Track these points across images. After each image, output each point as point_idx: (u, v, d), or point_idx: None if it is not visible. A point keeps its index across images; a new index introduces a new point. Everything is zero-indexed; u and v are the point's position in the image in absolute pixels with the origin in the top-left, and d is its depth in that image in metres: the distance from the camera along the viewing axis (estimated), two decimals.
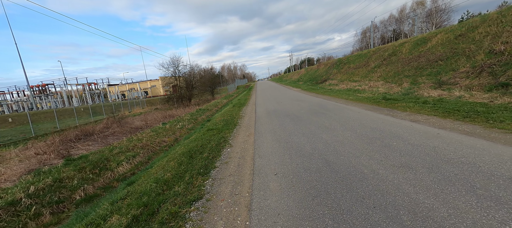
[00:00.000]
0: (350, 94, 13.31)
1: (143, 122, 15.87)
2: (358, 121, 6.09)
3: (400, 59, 15.26)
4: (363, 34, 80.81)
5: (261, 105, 12.98)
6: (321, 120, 6.89)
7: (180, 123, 12.15)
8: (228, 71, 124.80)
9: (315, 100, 12.22)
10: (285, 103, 12.60)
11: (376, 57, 19.68)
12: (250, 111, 11.35)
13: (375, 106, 8.33)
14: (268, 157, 4.22)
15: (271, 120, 7.87)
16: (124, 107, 32.55)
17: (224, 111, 13.45)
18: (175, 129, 10.78)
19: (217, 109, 18.77)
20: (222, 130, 7.10)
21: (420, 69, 12.16)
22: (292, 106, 10.89)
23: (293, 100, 13.63)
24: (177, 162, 4.56)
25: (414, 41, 15.88)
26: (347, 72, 22.52)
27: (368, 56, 21.63)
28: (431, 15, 55.55)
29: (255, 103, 14.56)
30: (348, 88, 16.23)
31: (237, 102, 17.29)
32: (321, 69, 33.59)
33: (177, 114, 19.58)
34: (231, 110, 12.41)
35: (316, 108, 9.38)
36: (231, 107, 14.42)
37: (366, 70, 18.87)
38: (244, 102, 16.41)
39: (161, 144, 8.51)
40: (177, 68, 29.41)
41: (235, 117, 9.78)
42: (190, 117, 14.26)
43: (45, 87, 42.15)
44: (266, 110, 10.67)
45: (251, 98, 20.07)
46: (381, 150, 3.83)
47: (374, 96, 11.05)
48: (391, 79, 13.76)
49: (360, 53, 25.07)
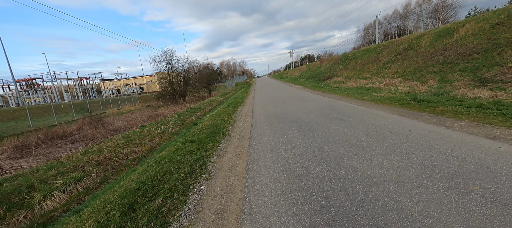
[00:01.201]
0: (363, 93, 11.38)
1: (126, 122, 13.91)
2: (399, 135, 4.18)
3: (420, 54, 13.31)
4: (366, 31, 78.85)
5: (260, 106, 11.04)
6: (341, 129, 4.98)
7: (163, 126, 10.20)
8: (227, 67, 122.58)
9: (324, 101, 10.29)
10: (288, 103, 10.66)
11: (388, 52, 17.71)
12: (246, 113, 9.41)
13: (406, 110, 6.42)
14: (269, 216, 2.28)
15: (272, 128, 5.95)
16: (114, 104, 30.52)
17: (216, 112, 11.51)
18: (155, 134, 8.83)
19: (210, 108, 16.82)
20: (204, 142, 5.18)
21: (449, 65, 10.23)
22: (297, 108, 8.97)
23: (297, 99, 11.69)
24: (106, 215, 2.63)
25: (435, 33, 13.91)
26: (354, 69, 20.55)
27: (378, 51, 19.65)
28: (438, 10, 53.58)
29: (252, 103, 12.62)
30: (359, 86, 14.29)
31: (232, 101, 15.33)
32: (324, 66, 31.59)
33: (166, 112, 17.61)
34: (224, 112, 10.47)
35: (329, 111, 7.45)
36: (225, 107, 12.47)
37: (378, 66, 16.91)
38: (241, 101, 14.46)
39: (130, 156, 6.58)
40: (170, 63, 27.31)
41: (226, 121, 7.85)
42: (178, 117, 12.30)
43: (32, 82, 39.89)
44: (266, 112, 8.74)
45: (249, 96, 18.10)
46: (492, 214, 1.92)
47: (396, 96, 9.13)
48: (411, 76, 11.83)
49: (368, 48, 23.07)
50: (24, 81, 39.75)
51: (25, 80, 39.66)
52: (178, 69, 28.75)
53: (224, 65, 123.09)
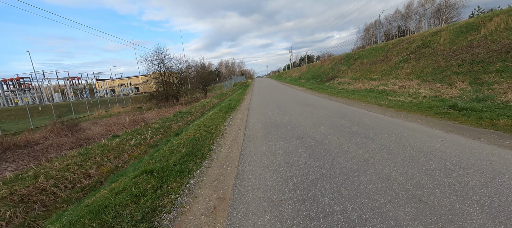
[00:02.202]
0: (377, 97, 9.77)
1: (104, 128, 12.19)
2: (480, 174, 2.55)
3: (439, 52, 11.73)
4: (366, 31, 77.51)
5: (256, 112, 9.39)
6: (372, 156, 3.35)
7: (140, 135, 8.52)
8: (225, 67, 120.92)
9: (333, 106, 8.66)
10: (289, 109, 9.02)
11: (398, 51, 16.15)
12: (239, 122, 7.75)
13: (450, 123, 4.80)
14: None
15: (271, 149, 4.30)
16: (103, 105, 28.72)
17: (206, 118, 9.85)
18: (126, 147, 7.15)
19: (202, 112, 15.16)
20: (170, 173, 3.52)
21: (480, 64, 8.65)
22: (301, 115, 7.32)
23: (300, 104, 10.05)
24: None
25: (455, 29, 12.35)
26: (360, 69, 18.97)
27: (387, 49, 18.09)
28: (441, 10, 52.43)
29: (248, 108, 10.96)
30: (369, 88, 12.69)
31: (226, 104, 13.66)
32: (326, 66, 30.01)
33: (152, 117, 15.92)
34: (213, 119, 8.80)
35: (343, 121, 5.82)
36: (216, 112, 10.81)
37: (388, 66, 15.33)
38: (235, 105, 12.79)
39: (79, 183, 4.89)
40: (162, 62, 25.57)
41: (212, 134, 6.18)
42: (162, 123, 10.63)
43: (19, 81, 37.92)
44: (263, 122, 7.08)
45: (245, 98, 16.44)
46: None
47: (421, 101, 7.52)
48: (431, 78, 10.24)
49: (374, 47, 21.51)
50: (11, 80, 37.83)
51: (11, 79, 37.73)
52: (171, 69, 27.01)
53: (223, 66, 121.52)
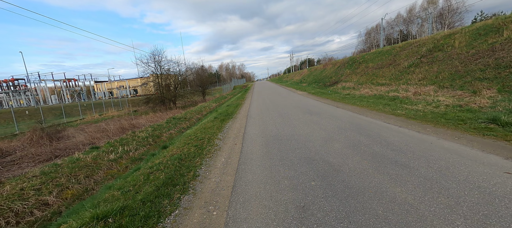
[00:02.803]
0: (390, 104, 8.78)
1: (89, 136, 11.18)
2: None
3: (455, 56, 10.78)
4: (368, 35, 76.95)
5: (256, 121, 8.40)
6: (420, 199, 2.38)
7: (124, 146, 7.51)
8: (226, 70, 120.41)
9: (342, 115, 7.66)
10: (293, 118, 8.02)
11: (407, 54, 15.23)
12: (236, 133, 6.74)
13: (499, 143, 3.81)
14: None
15: (273, 181, 3.28)
16: (97, 108, 27.74)
17: (199, 126, 8.85)
18: (103, 163, 6.14)
19: (198, 117, 14.17)
20: (134, 218, 2.51)
21: (508, 69, 7.69)
22: (308, 127, 6.32)
23: (304, 111, 9.06)
24: None
25: (471, 31, 11.44)
26: (365, 73, 18.03)
27: (394, 53, 17.18)
28: (443, 15, 51.87)
29: (247, 115, 9.96)
30: (378, 94, 11.72)
31: (224, 110, 12.67)
32: (329, 70, 29.11)
33: (143, 122, 14.93)
34: (207, 129, 7.79)
35: (360, 137, 4.82)
36: (212, 119, 9.81)
37: (396, 70, 14.39)
38: (233, 111, 11.79)
39: (29, 215, 3.87)
40: (159, 64, 24.68)
41: (203, 150, 5.18)
42: (152, 131, 9.63)
43: (14, 83, 37.00)
44: (263, 135, 6.08)
45: (244, 104, 15.46)
46: None
47: (445, 111, 6.54)
48: (449, 83, 9.28)
49: (380, 50, 20.62)
50: (5, 82, 36.90)
51: (6, 81, 36.81)
52: (168, 71, 26.11)
53: (223, 69, 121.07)
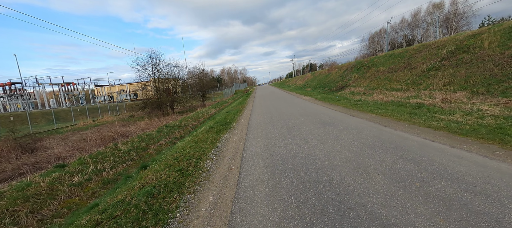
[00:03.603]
0: (417, 114, 7.40)
1: (71, 148, 9.92)
2: None
3: (486, 58, 9.43)
4: (371, 40, 75.81)
5: (258, 134, 7.05)
6: None
7: (98, 164, 6.21)
8: (228, 74, 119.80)
9: (363, 127, 6.30)
10: (303, 130, 6.67)
11: (424, 57, 13.89)
12: (233, 151, 5.41)
13: None
14: None
15: None
16: (92, 114, 26.63)
17: (189, 141, 7.53)
18: (61, 189, 4.84)
19: (194, 125, 12.88)
20: None
21: None
22: (324, 144, 4.97)
23: (315, 121, 7.70)
24: None
25: (502, 30, 10.11)
26: (376, 78, 16.69)
27: (407, 56, 15.85)
28: (450, 19, 50.69)
29: (248, 124, 8.62)
30: (396, 101, 10.35)
31: (223, 117, 11.37)
32: (334, 74, 27.81)
33: (138, 129, 13.66)
34: (199, 143, 6.47)
35: (405, 164, 3.47)
36: (207, 129, 8.49)
37: (413, 74, 13.03)
38: (233, 119, 10.48)
39: None
40: (157, 68, 23.60)
41: (186, 179, 3.87)
42: (137, 143, 8.34)
43: (11, 87, 36.23)
44: (268, 155, 4.74)
45: (245, 110, 14.15)
46: None
47: (503, 125, 5.16)
48: (485, 89, 7.90)
49: (391, 53, 19.31)
50: (1, 86, 36.15)
51: (2, 85, 36.06)
52: (166, 75, 25.01)
53: (225, 73, 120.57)
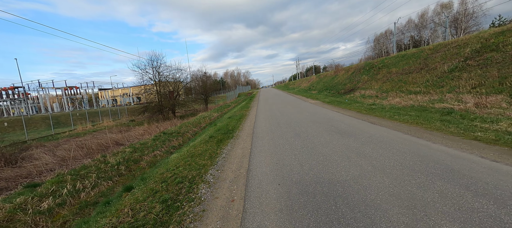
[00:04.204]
0: (451, 121, 6.36)
1: (61, 156, 9.13)
2: None
3: None
4: (376, 41, 74.44)
5: (265, 147, 6.10)
6: None
7: (77, 183, 5.35)
8: (231, 77, 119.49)
9: (392, 139, 5.29)
10: (318, 141, 5.69)
11: (443, 57, 12.80)
12: (236, 171, 4.47)
13: None
14: None
15: None
16: (92, 118, 26.08)
17: (185, 153, 6.63)
18: (21, 221, 3.95)
19: (195, 131, 12.00)
20: None
21: None
22: (348, 161, 4.00)
23: (330, 130, 6.71)
24: None
25: None
26: (389, 80, 15.62)
27: (423, 56, 14.76)
28: (458, 20, 49.17)
29: (252, 133, 7.67)
30: (417, 106, 9.29)
31: (225, 124, 10.46)
32: (341, 76, 26.75)
33: (136, 135, 12.85)
34: (196, 157, 5.55)
35: (490, 208, 2.47)
36: (206, 139, 7.58)
37: (433, 75, 11.94)
38: (235, 126, 9.55)
39: None
40: (158, 70, 22.95)
41: (170, 220, 2.91)
42: (130, 154, 7.48)
43: (14, 91, 36.18)
44: (280, 177, 3.79)
45: (249, 115, 13.23)
46: None
47: None
48: None
49: (403, 54, 18.22)
50: (4, 90, 36.14)
51: (5, 89, 36.07)
52: (167, 78, 24.35)
53: (228, 76, 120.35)
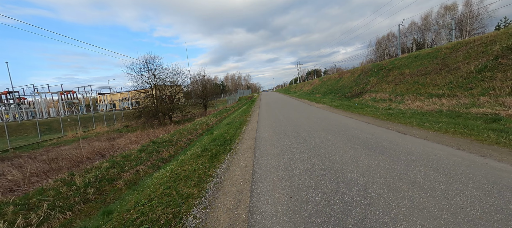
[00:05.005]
0: (504, 130, 5.00)
1: (34, 170, 7.81)
2: None
3: None
4: (379, 44, 73.36)
5: (271, 166, 4.77)
6: None
7: (21, 218, 4.01)
8: (231, 81, 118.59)
9: (447, 159, 3.93)
10: (342, 159, 4.34)
11: (466, 56, 11.50)
12: (232, 204, 3.15)
13: None
14: None
15: None
16: (87, 123, 24.83)
17: (170, 173, 5.31)
18: None
19: (190, 139, 10.69)
20: None
21: None
22: (403, 200, 2.65)
23: (351, 142, 5.35)
24: None
25: None
26: (402, 82, 14.30)
27: (441, 56, 13.46)
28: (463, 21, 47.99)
29: (254, 146, 6.32)
30: (446, 111, 7.96)
31: (222, 133, 9.14)
32: (347, 79, 25.47)
33: (125, 143, 11.55)
34: (180, 181, 4.22)
35: None
36: (198, 152, 6.25)
37: (456, 76, 10.62)
38: (234, 135, 8.21)
39: None
40: (154, 73, 21.77)
41: None
42: (105, 171, 6.16)
43: (7, 96, 35.17)
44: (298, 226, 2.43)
45: (250, 121, 11.90)
46: None
47: None
48: None
49: (416, 54, 16.95)
50: None
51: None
52: (165, 81, 23.16)
53: (229, 79, 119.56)
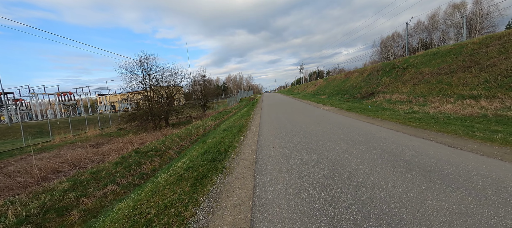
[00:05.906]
0: None
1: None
2: None
3: None
4: (383, 44, 71.59)
5: (282, 208, 3.26)
6: None
7: None
8: (233, 82, 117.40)
9: None
10: (391, 195, 2.84)
11: (500, 51, 9.95)
12: None
13: None
14: None
15: None
16: (79, 126, 23.55)
17: (132, 207, 3.82)
18: None
19: (183, 146, 9.24)
20: None
21: None
22: None
23: (393, 164, 3.85)
24: None
25: None
26: (422, 81, 12.75)
27: (467, 52, 11.90)
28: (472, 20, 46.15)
29: (255, 162, 4.84)
30: (492, 116, 6.41)
31: (216, 141, 7.67)
32: (354, 79, 23.92)
33: (110, 149, 10.14)
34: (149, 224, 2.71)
35: None
36: (181, 173, 4.80)
37: (494, 75, 9.05)
38: (231, 145, 6.74)
39: None
40: (148, 73, 20.41)
41: None
42: (60, 194, 4.72)
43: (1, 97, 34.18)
44: None
45: (251, 126, 10.42)
46: None
47: None
48: None
49: (435, 50, 15.37)
50: None
51: None
52: (161, 82, 21.80)
53: (230, 81, 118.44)
